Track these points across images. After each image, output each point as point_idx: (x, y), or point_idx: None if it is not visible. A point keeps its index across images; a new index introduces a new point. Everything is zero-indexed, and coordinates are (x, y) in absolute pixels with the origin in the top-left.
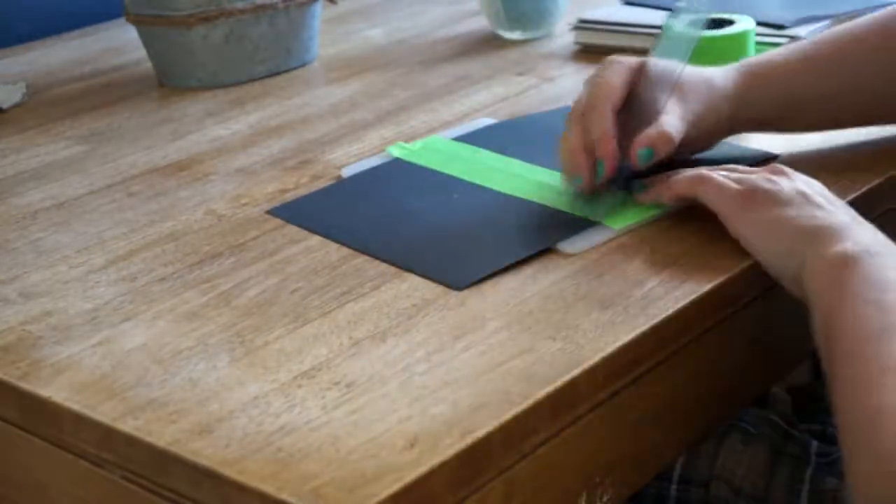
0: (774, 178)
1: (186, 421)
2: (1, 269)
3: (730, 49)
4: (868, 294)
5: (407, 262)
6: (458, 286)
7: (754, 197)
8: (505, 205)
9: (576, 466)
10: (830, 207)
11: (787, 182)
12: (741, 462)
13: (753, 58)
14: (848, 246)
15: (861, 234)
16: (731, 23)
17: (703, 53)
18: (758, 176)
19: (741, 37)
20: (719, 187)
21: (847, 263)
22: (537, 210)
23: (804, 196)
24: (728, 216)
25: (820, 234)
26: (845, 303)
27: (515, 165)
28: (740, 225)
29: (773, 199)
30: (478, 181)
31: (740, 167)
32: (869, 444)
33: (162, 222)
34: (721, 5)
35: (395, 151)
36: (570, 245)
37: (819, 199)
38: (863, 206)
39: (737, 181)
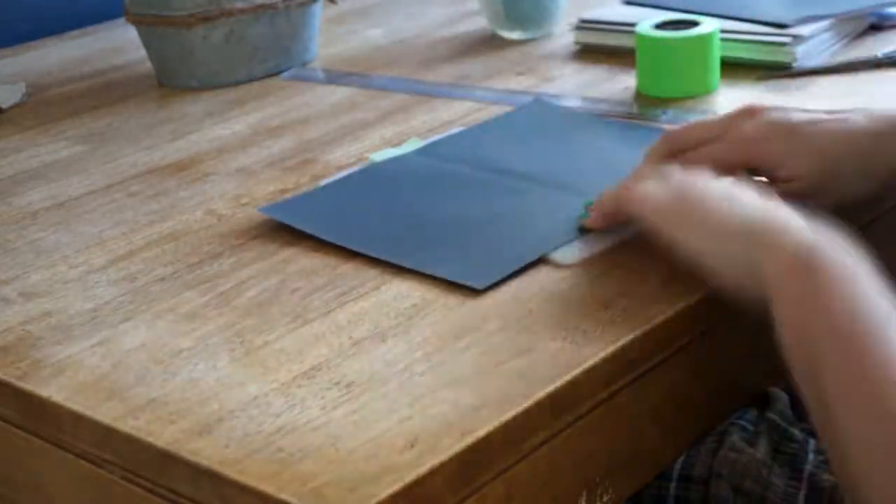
0: (699, 174)
1: (186, 421)
2: (1, 269)
3: (694, 51)
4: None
5: (419, 263)
6: (478, 287)
7: (685, 200)
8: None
9: (576, 466)
10: (763, 203)
11: (713, 177)
12: (740, 460)
13: None
14: (802, 251)
15: (806, 231)
16: (695, 24)
17: (668, 55)
18: (682, 176)
19: (705, 39)
20: (644, 198)
21: (809, 273)
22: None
23: (735, 188)
24: (662, 227)
25: (768, 232)
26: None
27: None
28: (679, 233)
29: (705, 198)
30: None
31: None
32: None
33: (162, 222)
34: (721, 5)
35: (378, 157)
36: (564, 255)
37: (747, 194)
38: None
39: (662, 186)
